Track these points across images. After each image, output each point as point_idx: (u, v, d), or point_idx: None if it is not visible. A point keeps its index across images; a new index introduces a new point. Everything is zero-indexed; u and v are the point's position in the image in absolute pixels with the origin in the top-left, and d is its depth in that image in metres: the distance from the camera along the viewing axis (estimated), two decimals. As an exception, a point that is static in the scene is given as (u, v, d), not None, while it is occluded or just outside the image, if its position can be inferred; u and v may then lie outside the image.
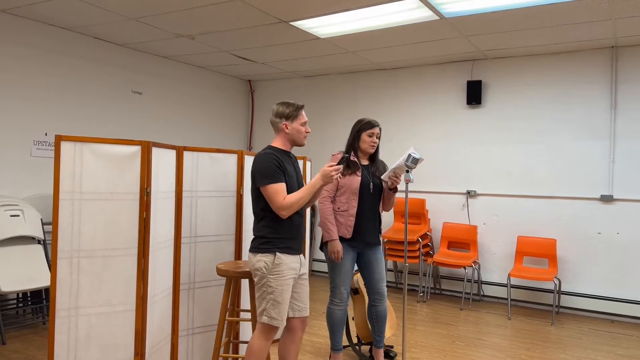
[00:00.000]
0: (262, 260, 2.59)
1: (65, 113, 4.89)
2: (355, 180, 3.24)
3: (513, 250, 5.34)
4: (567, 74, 5.14)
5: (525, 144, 5.33)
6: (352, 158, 3.31)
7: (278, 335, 3.69)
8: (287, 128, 2.69)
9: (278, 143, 2.73)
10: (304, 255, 4.04)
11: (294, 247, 2.67)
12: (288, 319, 2.76)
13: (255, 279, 2.63)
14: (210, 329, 3.40)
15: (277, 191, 2.54)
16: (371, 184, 3.27)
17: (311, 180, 2.65)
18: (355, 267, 3.45)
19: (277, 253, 2.59)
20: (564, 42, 4.83)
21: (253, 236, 2.69)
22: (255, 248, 2.64)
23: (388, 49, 5.24)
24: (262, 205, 2.64)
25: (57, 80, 4.82)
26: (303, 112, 2.74)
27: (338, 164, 2.64)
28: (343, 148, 3.55)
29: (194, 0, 3.95)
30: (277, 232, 2.61)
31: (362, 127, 3.31)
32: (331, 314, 3.33)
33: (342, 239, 3.23)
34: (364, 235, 3.27)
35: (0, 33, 4.38)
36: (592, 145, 5.01)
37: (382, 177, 3.24)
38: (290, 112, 2.69)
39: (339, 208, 3.25)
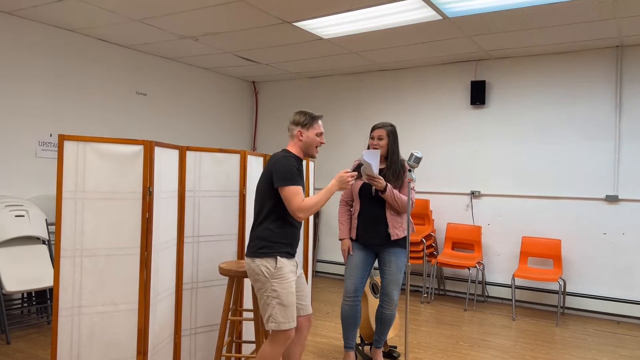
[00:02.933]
0: (262, 265, 2.55)
1: (70, 114, 4.92)
2: (357, 184, 3.35)
3: (517, 250, 5.31)
4: (572, 73, 5.12)
5: (530, 144, 5.31)
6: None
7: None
8: (301, 135, 2.70)
9: (292, 149, 2.72)
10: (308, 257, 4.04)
11: (292, 251, 2.67)
12: None
13: (257, 285, 2.58)
14: (213, 329, 3.41)
15: (297, 193, 2.54)
16: (373, 187, 3.26)
17: (328, 185, 2.68)
18: (376, 265, 3.47)
19: (278, 257, 2.57)
20: (568, 42, 4.81)
21: (253, 239, 2.64)
22: (254, 253, 2.59)
23: (391, 49, 5.24)
24: (270, 207, 2.60)
25: (61, 82, 4.85)
26: (320, 123, 2.74)
27: (353, 170, 2.73)
28: (346, 149, 3.59)
29: (197, 2, 3.97)
30: (279, 235, 2.59)
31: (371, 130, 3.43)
32: (341, 310, 3.39)
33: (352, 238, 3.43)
34: (366, 237, 3.32)
35: (5, 35, 4.42)
36: (597, 145, 4.98)
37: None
38: (306, 120, 2.70)
39: (352, 211, 3.44)
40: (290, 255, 2.66)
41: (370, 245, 3.33)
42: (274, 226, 2.59)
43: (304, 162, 4.03)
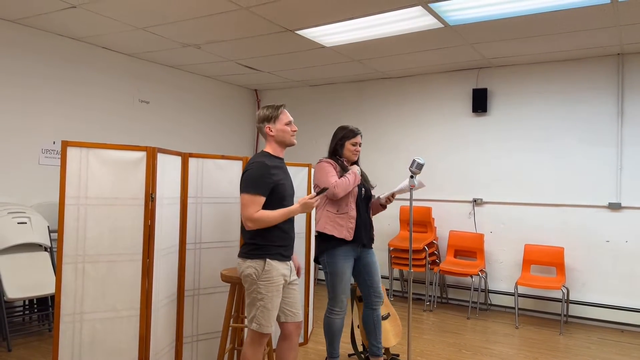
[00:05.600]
0: (251, 266, 2.57)
1: (73, 122, 4.94)
2: (356, 189, 3.29)
3: (520, 258, 5.29)
4: (573, 81, 5.13)
5: (532, 151, 5.31)
6: (345, 163, 3.35)
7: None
8: (271, 131, 2.68)
9: (269, 148, 2.72)
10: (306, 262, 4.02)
11: (284, 253, 2.66)
12: (282, 324, 2.73)
13: (246, 285, 2.62)
14: (215, 336, 3.40)
15: (253, 202, 2.53)
16: (363, 188, 3.31)
17: (291, 206, 2.62)
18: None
19: (268, 259, 2.57)
20: (569, 50, 4.83)
21: (244, 242, 2.66)
22: (245, 254, 2.62)
23: (393, 57, 5.26)
24: None
25: (65, 90, 4.88)
26: (285, 112, 2.71)
27: (318, 194, 2.64)
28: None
29: (200, 10, 4.00)
30: (266, 238, 2.59)
31: (346, 135, 3.33)
32: (331, 323, 3.29)
33: (343, 241, 3.20)
34: (361, 237, 3.27)
35: (9, 43, 4.45)
36: (600, 152, 4.98)
37: (381, 197, 3.37)
38: (271, 113, 2.67)
39: (337, 211, 3.22)
40: (283, 257, 2.64)
41: (359, 247, 3.28)
42: (261, 231, 2.59)
43: (307, 170, 4.04)
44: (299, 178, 3.93)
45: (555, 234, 5.15)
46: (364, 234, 3.28)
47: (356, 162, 3.42)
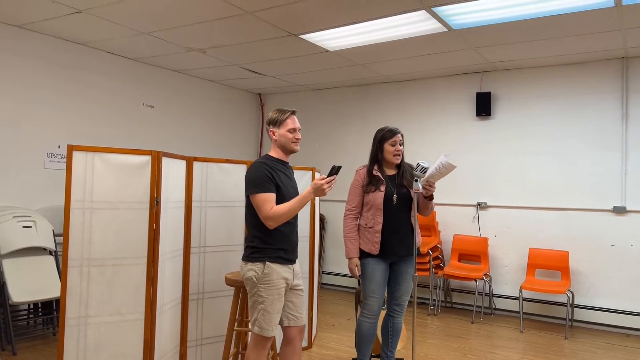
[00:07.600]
0: (252, 269, 2.58)
1: (78, 126, 4.96)
2: (379, 195, 3.13)
3: (525, 262, 5.28)
4: (578, 85, 5.13)
5: (536, 155, 5.30)
6: (375, 173, 3.20)
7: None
8: (274, 135, 2.69)
9: (272, 152, 2.74)
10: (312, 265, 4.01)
11: (286, 256, 2.64)
12: (285, 328, 2.73)
13: (247, 289, 2.63)
14: (219, 340, 3.40)
15: (265, 200, 2.53)
16: (395, 195, 3.13)
17: (303, 192, 2.60)
18: None
19: (267, 262, 2.57)
20: (573, 53, 4.82)
21: (246, 245, 2.67)
22: (246, 257, 2.63)
23: (397, 61, 5.27)
24: (253, 215, 2.62)
25: (70, 94, 4.90)
26: (293, 119, 2.69)
27: (329, 174, 2.55)
28: (354, 160, 3.53)
29: (205, 15, 4.02)
30: (266, 242, 2.59)
31: (384, 136, 3.18)
32: (359, 326, 3.25)
33: (371, 253, 3.15)
34: (392, 249, 3.14)
35: (15, 48, 4.48)
36: (604, 156, 4.96)
37: (413, 188, 3.01)
38: (277, 117, 2.68)
39: (366, 224, 3.17)
40: (284, 260, 2.63)
41: (393, 257, 3.18)
42: (261, 233, 2.60)
43: (310, 174, 4.04)
44: (303, 182, 3.94)
45: (560, 238, 5.13)
46: (396, 245, 3.14)
47: (400, 164, 3.23)
